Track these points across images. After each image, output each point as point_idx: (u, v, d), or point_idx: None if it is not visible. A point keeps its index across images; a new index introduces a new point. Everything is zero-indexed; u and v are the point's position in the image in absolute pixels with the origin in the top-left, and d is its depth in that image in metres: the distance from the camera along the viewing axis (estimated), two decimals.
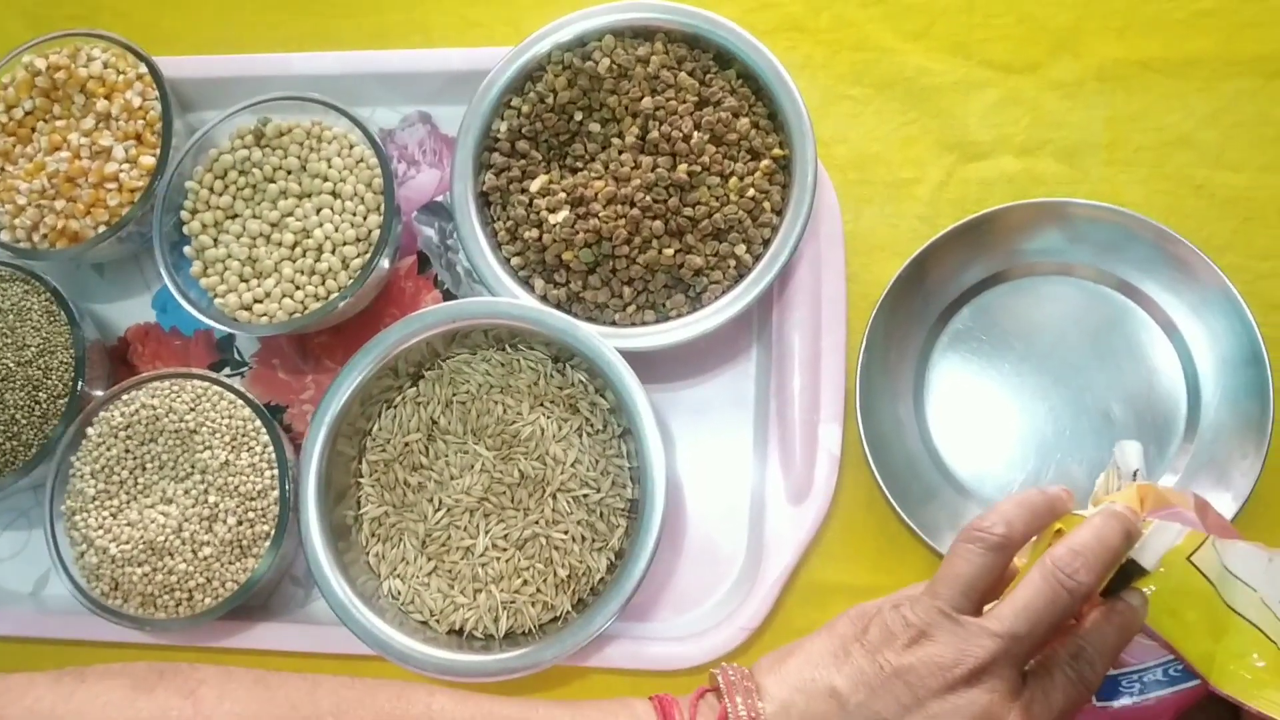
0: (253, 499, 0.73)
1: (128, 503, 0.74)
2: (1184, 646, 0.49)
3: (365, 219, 0.76)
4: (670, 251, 0.72)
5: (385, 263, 0.76)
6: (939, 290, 0.75)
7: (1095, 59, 0.78)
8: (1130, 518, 0.51)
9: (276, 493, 0.73)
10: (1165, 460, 0.70)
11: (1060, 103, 0.78)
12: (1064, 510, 0.53)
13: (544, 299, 0.74)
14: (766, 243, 0.73)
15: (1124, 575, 0.50)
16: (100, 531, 0.73)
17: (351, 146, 0.78)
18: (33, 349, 0.76)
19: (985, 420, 0.73)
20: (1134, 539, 0.51)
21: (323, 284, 0.76)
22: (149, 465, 0.74)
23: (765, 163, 0.73)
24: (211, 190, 0.78)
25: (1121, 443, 0.60)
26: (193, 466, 0.74)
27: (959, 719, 0.45)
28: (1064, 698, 0.46)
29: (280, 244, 0.76)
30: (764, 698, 0.48)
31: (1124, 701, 0.49)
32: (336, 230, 0.76)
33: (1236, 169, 0.76)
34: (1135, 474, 0.58)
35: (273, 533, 0.73)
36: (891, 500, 0.70)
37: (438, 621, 0.72)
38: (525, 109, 0.76)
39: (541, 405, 0.73)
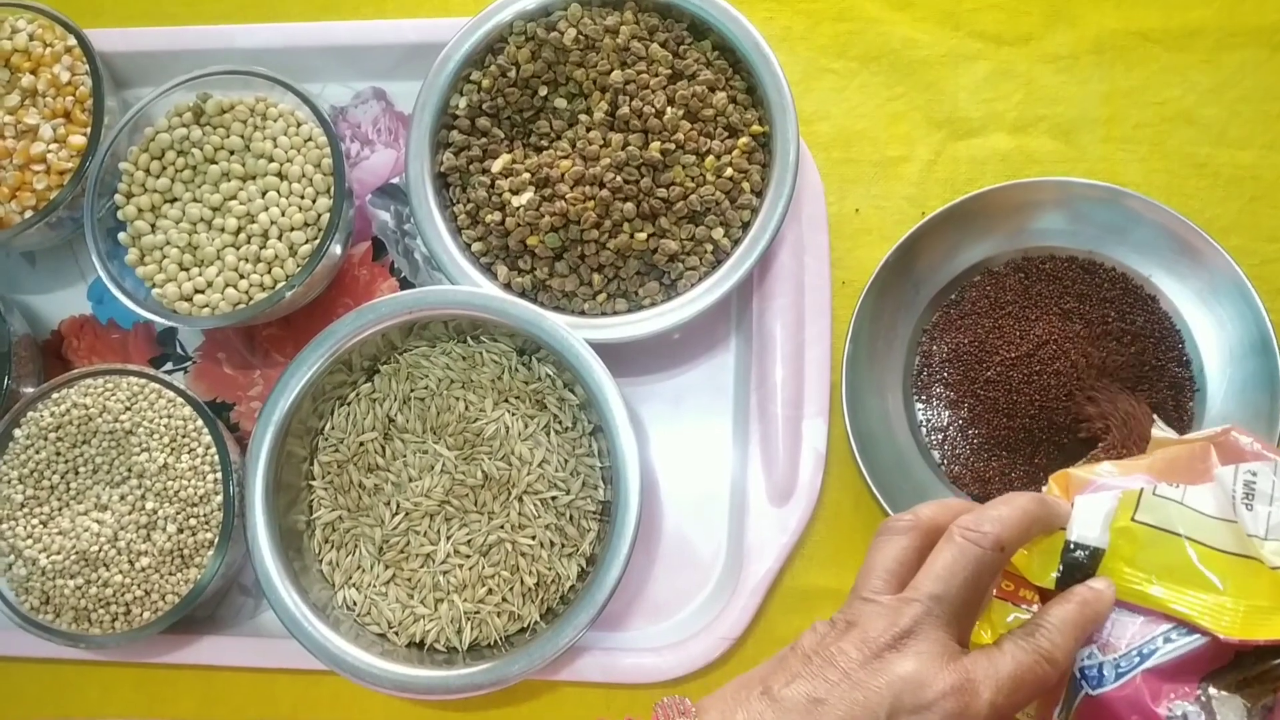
0: (194, 504, 0.69)
1: (59, 510, 0.70)
2: (1175, 607, 0.47)
3: (314, 202, 0.72)
4: (643, 236, 0.68)
5: (337, 249, 0.72)
6: (929, 276, 0.71)
7: (1091, 30, 0.75)
8: (1040, 495, 0.51)
9: (220, 498, 0.69)
10: None
11: (1055, 77, 0.75)
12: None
13: (508, 287, 0.70)
14: (746, 226, 0.69)
15: (1080, 568, 0.49)
16: (29, 541, 0.69)
17: (299, 125, 0.73)
18: None
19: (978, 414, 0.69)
20: (1051, 507, 0.50)
21: (269, 272, 0.71)
22: (81, 469, 0.70)
23: (744, 140, 0.69)
24: (148, 172, 0.73)
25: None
26: (129, 470, 0.69)
27: (884, 681, 0.44)
28: (1013, 663, 0.45)
29: (223, 229, 0.72)
30: (703, 716, 0.48)
31: (1120, 682, 0.47)
32: (283, 214, 0.71)
33: (1241, 146, 0.73)
34: None
35: (216, 541, 0.69)
36: (880, 500, 0.67)
37: (396, 634, 0.68)
38: (486, 84, 0.71)
39: (506, 401, 0.69)
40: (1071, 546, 0.49)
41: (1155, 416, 0.62)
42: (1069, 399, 0.67)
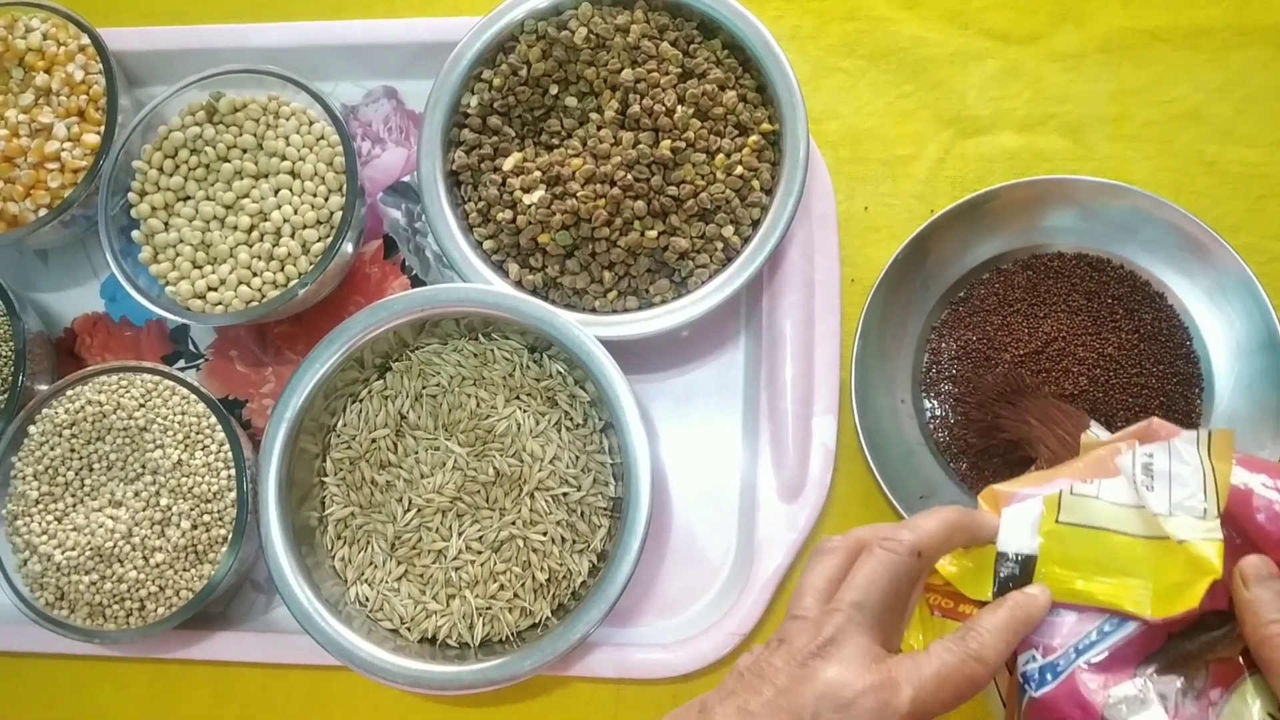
0: (208, 501, 0.69)
1: (73, 506, 0.70)
2: (1102, 598, 0.48)
3: (327, 200, 0.72)
4: (653, 233, 0.68)
5: (349, 247, 0.72)
6: (938, 273, 0.71)
7: (1099, 29, 0.75)
8: (962, 507, 0.52)
9: (234, 494, 0.69)
10: None
11: (1063, 75, 0.75)
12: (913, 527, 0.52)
13: (519, 285, 0.70)
14: (756, 224, 0.69)
15: (1014, 578, 0.50)
16: (44, 537, 0.69)
17: (311, 123, 0.73)
18: None
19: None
20: (975, 518, 0.51)
21: (281, 270, 0.71)
22: (96, 466, 0.70)
23: (754, 138, 0.69)
24: (161, 170, 0.73)
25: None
26: (143, 467, 0.69)
27: (808, 688, 0.45)
28: (938, 663, 0.46)
29: (236, 227, 0.72)
30: None
31: (1059, 679, 0.48)
32: (296, 213, 0.71)
33: (1249, 144, 0.73)
34: None
35: (230, 537, 0.69)
36: (890, 496, 0.67)
37: (408, 629, 0.68)
38: (497, 82, 0.71)
39: (517, 398, 0.69)
40: (1002, 557, 0.50)
41: (1089, 420, 0.61)
42: (978, 420, 0.68)
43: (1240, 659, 0.47)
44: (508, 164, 0.71)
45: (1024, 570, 0.50)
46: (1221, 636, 0.47)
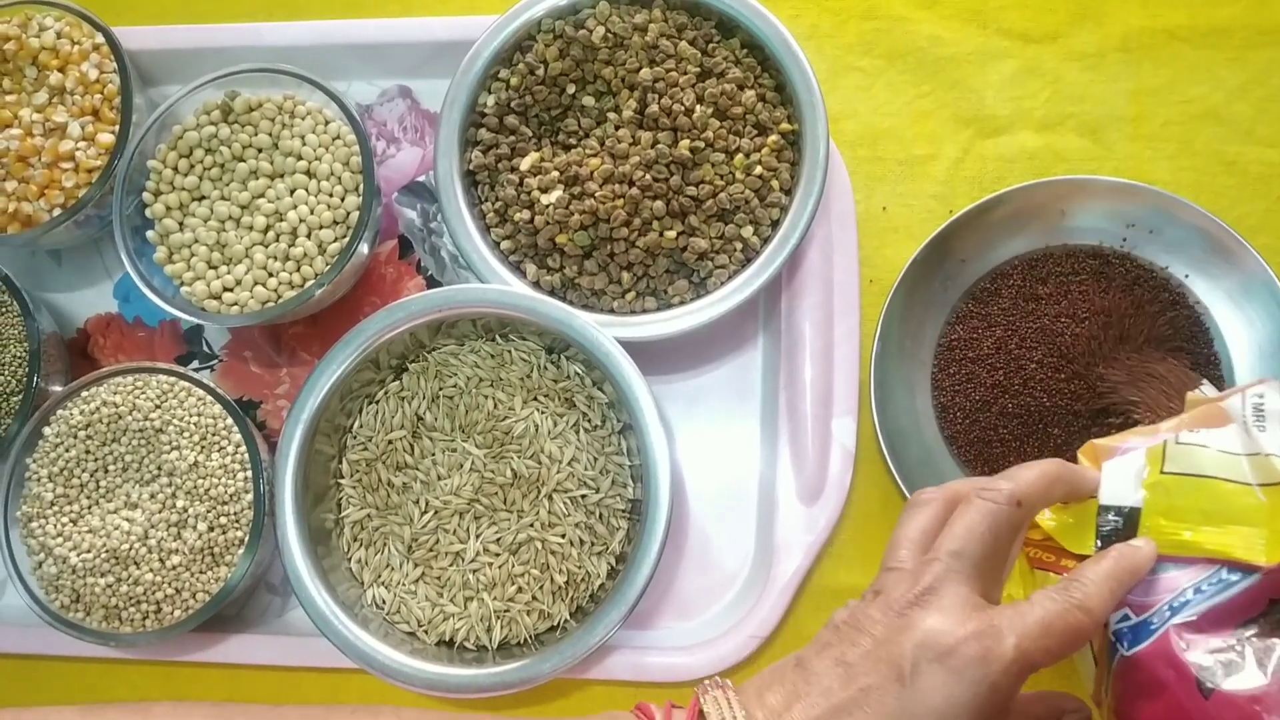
0: (225, 503, 0.68)
1: (89, 508, 0.69)
2: (1211, 547, 0.47)
3: (343, 200, 0.71)
4: (672, 234, 0.68)
5: (364, 247, 0.71)
6: (957, 274, 0.71)
7: (1119, 28, 0.75)
8: (1062, 460, 0.51)
9: (250, 496, 0.68)
10: None
11: (1082, 74, 0.74)
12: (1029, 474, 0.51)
13: (536, 285, 0.70)
14: (775, 224, 0.69)
15: (1118, 532, 0.49)
16: (59, 539, 0.69)
17: (327, 123, 0.73)
18: None
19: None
20: (1075, 471, 0.51)
21: (297, 270, 0.71)
22: (111, 467, 0.70)
23: (773, 138, 0.69)
24: (176, 170, 0.73)
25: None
26: (159, 468, 0.69)
27: (907, 637, 0.45)
28: (1041, 611, 0.45)
29: (251, 228, 0.71)
30: (742, 694, 0.49)
31: (1153, 638, 0.47)
32: (312, 213, 0.71)
33: (1269, 144, 0.72)
34: None
35: (247, 539, 0.68)
36: (909, 498, 0.66)
37: (426, 632, 0.68)
38: (514, 81, 0.71)
39: (535, 399, 0.69)
40: (1105, 510, 0.50)
41: (1202, 379, 0.60)
42: (1090, 373, 0.66)
43: None
44: (525, 164, 0.70)
45: (1128, 523, 0.49)
46: None
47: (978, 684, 0.43)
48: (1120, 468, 0.50)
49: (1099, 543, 0.49)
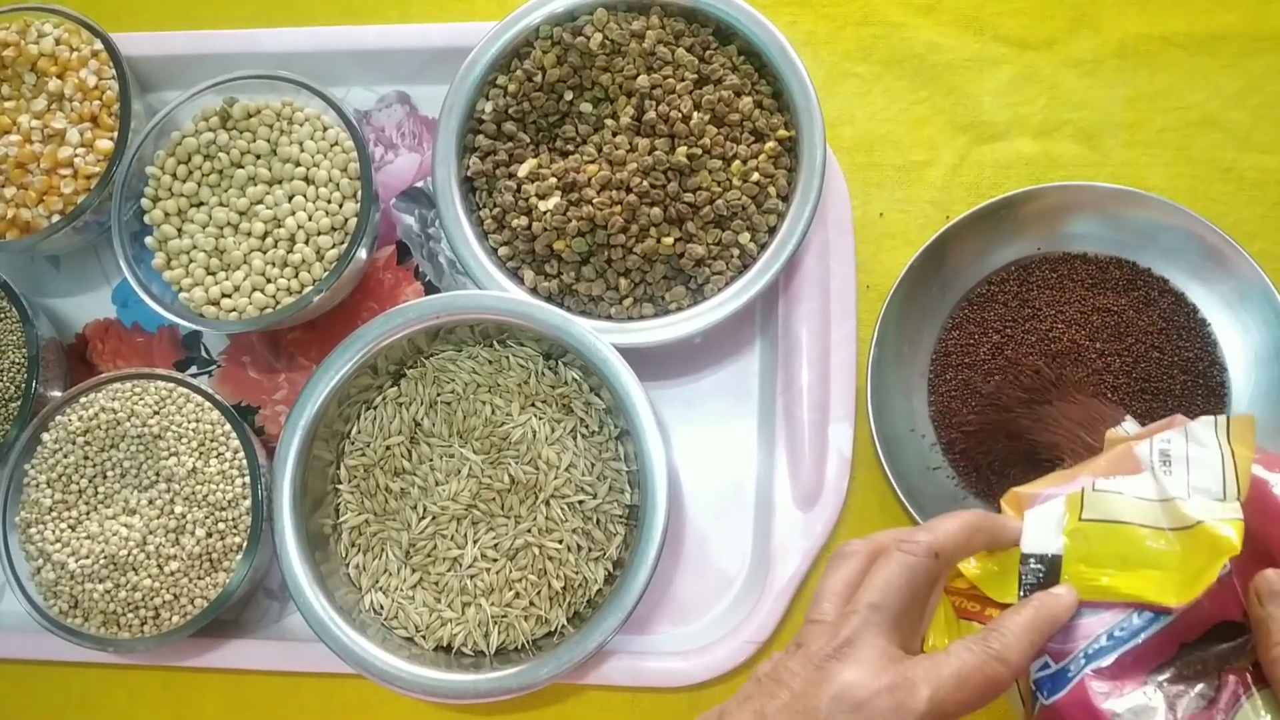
0: (223, 508, 0.68)
1: (87, 514, 0.69)
2: (1126, 591, 0.48)
3: (341, 206, 0.72)
4: (669, 240, 0.68)
5: (363, 253, 0.71)
6: (954, 280, 0.71)
7: (1115, 34, 0.75)
8: (983, 511, 0.51)
9: (249, 501, 0.69)
10: None
11: (1079, 81, 0.75)
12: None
13: (534, 291, 0.70)
14: (772, 230, 0.69)
15: (1040, 580, 0.50)
16: (58, 545, 0.69)
17: (325, 129, 0.73)
18: None
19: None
20: (997, 521, 0.51)
21: (296, 276, 0.71)
22: (110, 473, 0.70)
23: (770, 144, 0.69)
24: (174, 176, 0.73)
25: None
26: (157, 474, 0.69)
27: (824, 690, 0.45)
28: (958, 662, 0.46)
29: (249, 234, 0.72)
30: None
31: (1069, 686, 0.47)
32: (310, 219, 0.71)
33: (1266, 150, 0.73)
34: None
35: (245, 545, 0.68)
36: (905, 503, 0.67)
37: (424, 637, 0.68)
38: (512, 88, 0.71)
39: (533, 405, 0.69)
40: (1027, 558, 0.50)
41: (1125, 414, 0.61)
42: (1004, 423, 0.67)
43: (1249, 672, 0.46)
44: (523, 170, 0.70)
45: (1050, 570, 0.50)
46: (1234, 648, 0.47)
47: None
48: (1041, 516, 0.51)
49: (1023, 591, 0.50)
